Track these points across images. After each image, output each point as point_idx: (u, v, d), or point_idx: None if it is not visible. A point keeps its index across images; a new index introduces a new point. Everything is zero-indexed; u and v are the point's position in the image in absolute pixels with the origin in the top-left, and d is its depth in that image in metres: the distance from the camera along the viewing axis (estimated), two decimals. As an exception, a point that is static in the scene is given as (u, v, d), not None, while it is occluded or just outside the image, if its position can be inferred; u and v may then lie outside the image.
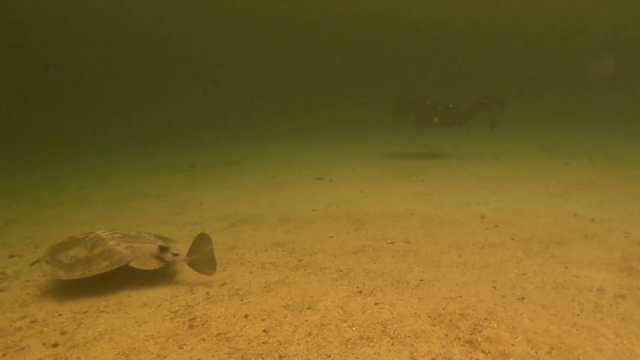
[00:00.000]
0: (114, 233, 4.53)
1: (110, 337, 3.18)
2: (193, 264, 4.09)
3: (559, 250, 4.62)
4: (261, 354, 2.87)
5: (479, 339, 2.92)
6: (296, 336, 3.08)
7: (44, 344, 3.14)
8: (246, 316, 3.42)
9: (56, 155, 17.25)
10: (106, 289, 4.07)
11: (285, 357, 2.82)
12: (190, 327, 3.29)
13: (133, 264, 4.01)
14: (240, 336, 3.12)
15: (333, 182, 8.92)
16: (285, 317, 3.39)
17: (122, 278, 4.29)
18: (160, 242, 4.45)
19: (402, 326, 3.13)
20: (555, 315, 3.23)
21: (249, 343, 3.02)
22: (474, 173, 9.33)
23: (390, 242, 5.07)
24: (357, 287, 3.86)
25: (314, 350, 2.88)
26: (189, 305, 3.65)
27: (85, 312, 3.62)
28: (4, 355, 3.05)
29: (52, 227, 6.58)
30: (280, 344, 2.99)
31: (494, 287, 3.74)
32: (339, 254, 4.76)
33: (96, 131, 24.29)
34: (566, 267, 4.14)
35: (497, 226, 5.52)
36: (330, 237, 5.40)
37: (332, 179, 9.20)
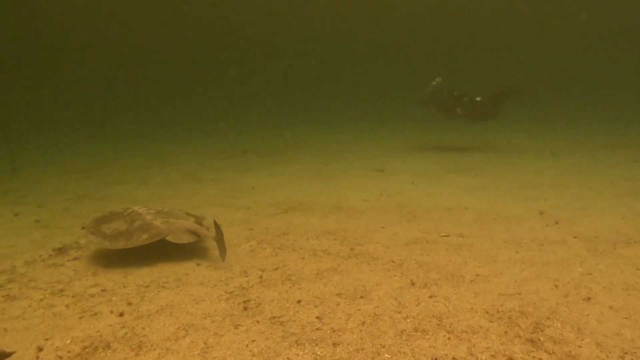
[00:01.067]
0: (149, 209, 4.81)
1: (171, 312, 3.33)
2: (217, 241, 4.28)
3: (629, 250, 4.39)
4: (314, 339, 2.92)
5: (541, 339, 2.83)
6: (349, 324, 3.10)
7: (113, 312, 3.33)
8: (299, 302, 3.47)
9: (119, 136, 18.07)
10: (165, 266, 4.24)
11: (339, 344, 2.85)
12: (245, 308, 3.38)
13: (169, 238, 4.25)
14: (293, 321, 3.17)
15: (384, 173, 8.87)
16: (338, 304, 3.42)
17: (179, 256, 4.47)
18: (191, 219, 4.73)
19: (458, 320, 3.09)
20: (627, 318, 3.08)
21: (303, 328, 3.07)
22: (531, 169, 9.01)
23: (443, 235, 4.99)
24: (411, 279, 3.83)
25: (368, 340, 2.89)
26: (243, 288, 3.74)
27: (147, 286, 3.79)
28: (80, 318, 3.27)
29: (118, 202, 6.90)
30: (333, 331, 3.02)
31: (556, 286, 3.61)
32: (391, 245, 4.74)
33: (158, 115, 25.20)
34: (638, 269, 3.93)
35: (557, 223, 5.32)
36: (382, 227, 5.38)
37: (383, 170, 9.14)
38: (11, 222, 6.07)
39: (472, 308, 3.28)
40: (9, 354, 2.82)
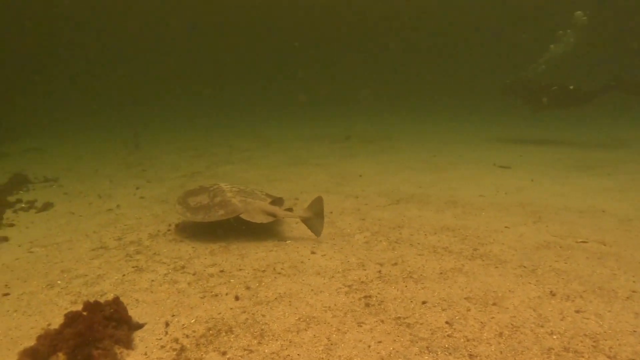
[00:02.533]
0: (233, 187, 4.93)
1: (290, 301, 3.22)
2: (306, 221, 4.36)
3: None
4: (447, 348, 2.64)
5: None
6: (485, 334, 2.78)
7: (232, 295, 3.30)
8: (424, 303, 3.21)
9: (226, 118, 18.84)
10: (280, 252, 4.18)
11: (476, 356, 2.55)
12: (367, 305, 3.18)
13: (244, 216, 4.32)
14: (421, 324, 2.92)
15: (496, 166, 8.23)
16: (468, 310, 3.10)
17: (294, 243, 4.39)
18: (269, 201, 4.74)
19: (619, 345, 2.64)
20: None
21: (432, 333, 2.80)
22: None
23: (580, 241, 4.42)
24: (549, 289, 3.40)
25: (510, 355, 2.55)
26: (362, 282, 3.55)
27: (263, 271, 3.74)
28: (202, 297, 3.29)
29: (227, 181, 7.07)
30: (467, 340, 2.72)
31: None
32: (520, 248, 4.29)
33: (260, 100, 25.99)
34: None
35: None
36: (505, 227, 4.91)
37: (509, 167, 8.47)
38: (133, 194, 6.43)
39: (634, 331, 2.79)
40: (142, 325, 2.89)
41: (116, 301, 2.83)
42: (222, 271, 3.75)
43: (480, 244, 4.39)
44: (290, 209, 4.69)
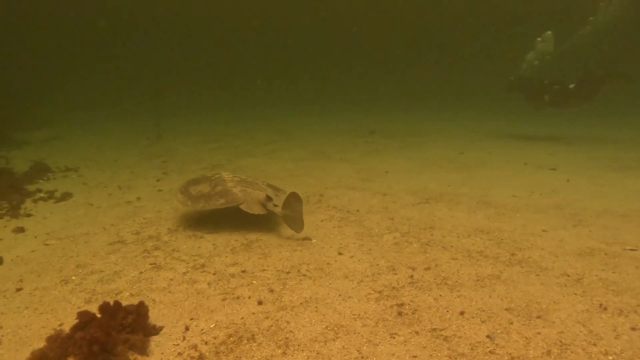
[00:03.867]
0: (235, 176, 4.90)
1: (316, 307, 3.00)
2: (285, 218, 4.22)
3: None
4: (491, 367, 2.38)
5: None
6: (531, 352, 2.52)
7: (254, 298, 3.09)
8: (462, 313, 2.95)
9: (248, 111, 18.69)
10: (305, 252, 3.96)
11: (524, 379, 2.29)
12: (399, 314, 2.94)
13: (243, 207, 4.27)
14: (459, 337, 2.67)
15: (528, 166, 7.86)
16: (510, 323, 2.84)
17: (319, 242, 4.17)
18: (269, 192, 4.67)
19: (687, 374, 2.35)
20: None
21: (473, 349, 2.55)
22: None
23: (630, 249, 4.09)
24: (599, 302, 3.10)
25: (562, 380, 2.29)
26: (393, 287, 3.31)
27: (288, 273, 3.52)
28: (223, 300, 3.09)
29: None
30: (512, 358, 2.46)
31: None
32: (560, 254, 3.98)
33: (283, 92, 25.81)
34: None
35: None
36: (543, 231, 4.60)
37: (527, 162, 8.11)
38: (153, 187, 6.29)
39: (702, 357, 2.49)
40: (158, 330, 2.70)
41: (139, 308, 2.63)
42: (243, 271, 3.54)
43: (518, 249, 4.10)
44: (276, 205, 4.57)
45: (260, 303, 3.05)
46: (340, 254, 3.91)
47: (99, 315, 2.49)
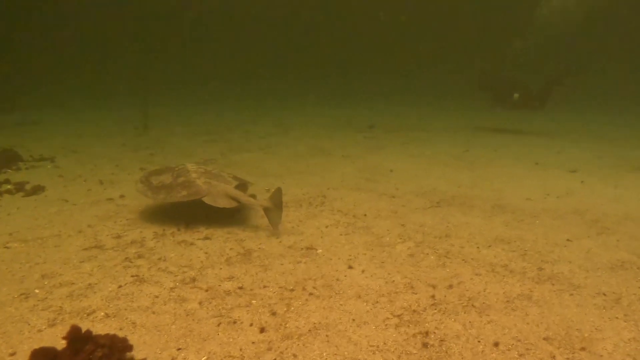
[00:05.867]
0: (199, 168, 4.68)
1: (327, 336, 2.54)
2: (267, 211, 4.05)
3: None
4: (546, 423, 1.94)
5: None
6: (588, 402, 2.09)
7: (255, 325, 2.62)
8: (496, 345, 2.51)
9: (239, 100, 18.12)
10: (310, 264, 3.51)
11: None
12: (425, 345, 2.49)
13: (206, 199, 4.03)
14: (500, 379, 2.23)
15: (539, 165, 7.46)
16: (553, 357, 2.41)
17: (326, 252, 3.71)
18: (236, 183, 4.46)
19: None
20: None
21: (519, 396, 2.11)
22: None
23: (667, 265, 3.69)
24: (650, 332, 2.69)
25: None
26: (414, 310, 2.86)
27: (292, 290, 3.06)
28: (218, 324, 2.63)
29: (244, 173, 6.39)
30: (568, 410, 2.03)
31: None
32: (591, 269, 3.57)
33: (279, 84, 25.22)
34: None
35: None
36: (567, 240, 4.19)
37: (538, 162, 7.70)
38: (141, 182, 5.77)
39: None
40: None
41: (114, 341, 2.14)
42: (241, 288, 3.07)
43: (544, 262, 3.68)
44: (253, 195, 4.44)
45: (262, 330, 2.58)
46: (350, 267, 3.45)
47: (63, 344, 2.01)
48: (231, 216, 4.53)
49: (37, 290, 2.91)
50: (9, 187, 5.16)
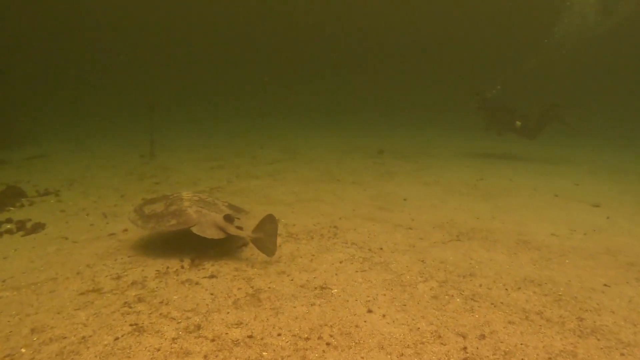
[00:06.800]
0: (194, 196, 4.58)
1: (349, 399, 2.23)
2: (256, 242, 3.91)
3: None
4: None
5: None
6: None
7: (266, 389, 2.32)
8: (543, 411, 2.19)
9: (247, 124, 17.99)
10: (325, 306, 3.20)
11: None
12: (462, 411, 2.17)
13: (194, 229, 3.90)
14: None
15: (559, 197, 7.14)
16: None
17: (341, 292, 3.41)
18: (229, 213, 4.22)
19: None
20: None
21: None
22: None
23: None
24: None
25: None
26: (445, 365, 2.55)
27: (306, 339, 2.76)
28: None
29: (251, 201, 6.14)
30: None
31: None
32: (639, 323, 3.22)
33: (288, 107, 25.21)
34: None
35: None
36: (604, 285, 3.85)
37: (557, 194, 7.38)
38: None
39: None
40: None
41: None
42: (250, 336, 2.77)
43: (583, 310, 3.34)
44: (240, 227, 4.25)
45: (273, 390, 2.28)
46: (369, 311, 3.15)
47: None
48: (238, 249, 4.25)
49: (23, 350, 2.57)
50: (9, 226, 4.83)
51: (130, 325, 2.84)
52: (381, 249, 4.43)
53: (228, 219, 4.06)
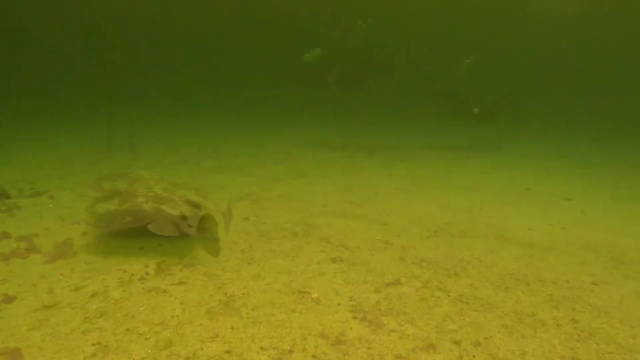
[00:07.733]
0: (148, 191, 4.43)
1: (344, 421, 2.01)
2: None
3: None
4: None
5: None
6: None
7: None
8: None
9: (207, 117, 17.46)
10: (307, 313, 2.97)
11: None
12: None
13: (150, 227, 3.80)
14: None
15: (531, 191, 7.17)
16: None
17: (322, 296, 3.18)
18: (186, 209, 4.16)
19: None
20: None
21: None
22: None
23: None
24: None
25: None
26: (442, 377, 2.37)
27: (290, 352, 2.52)
28: None
29: (216, 198, 5.82)
30: None
31: None
32: (636, 324, 3.12)
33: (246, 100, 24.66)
34: None
35: None
36: (592, 284, 3.75)
37: (529, 188, 7.41)
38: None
39: None
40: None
41: None
42: (228, 352, 2.50)
43: (576, 311, 3.24)
44: (191, 226, 4.07)
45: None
46: (355, 318, 2.93)
47: None
48: (206, 249, 3.95)
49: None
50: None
51: (93, 344, 2.50)
52: (358, 247, 4.23)
53: (182, 217, 3.97)
